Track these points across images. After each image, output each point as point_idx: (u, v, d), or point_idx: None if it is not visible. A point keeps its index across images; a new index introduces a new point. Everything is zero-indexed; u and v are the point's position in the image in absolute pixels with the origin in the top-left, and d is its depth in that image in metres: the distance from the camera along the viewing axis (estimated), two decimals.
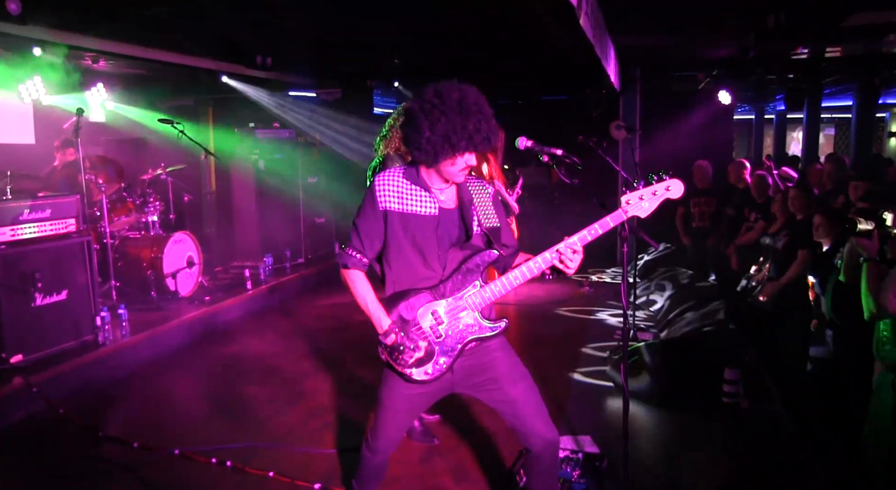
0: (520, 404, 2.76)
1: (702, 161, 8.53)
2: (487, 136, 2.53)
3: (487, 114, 2.53)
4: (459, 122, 2.46)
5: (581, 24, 5.10)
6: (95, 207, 7.02)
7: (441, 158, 2.55)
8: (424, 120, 2.48)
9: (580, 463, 3.83)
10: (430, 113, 2.48)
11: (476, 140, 2.51)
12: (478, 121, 2.49)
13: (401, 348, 2.64)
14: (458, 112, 2.47)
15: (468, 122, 2.47)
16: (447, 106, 2.47)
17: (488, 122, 2.53)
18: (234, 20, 7.38)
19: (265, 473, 3.96)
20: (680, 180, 2.68)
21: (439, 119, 2.46)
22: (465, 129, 2.47)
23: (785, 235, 6.19)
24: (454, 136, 2.47)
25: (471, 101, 2.50)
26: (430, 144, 2.50)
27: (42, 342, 5.36)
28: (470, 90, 2.54)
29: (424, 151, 2.53)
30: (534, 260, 2.66)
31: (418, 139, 2.51)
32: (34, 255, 5.38)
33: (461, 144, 2.49)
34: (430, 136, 2.48)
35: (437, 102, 2.48)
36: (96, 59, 8.31)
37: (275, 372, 5.89)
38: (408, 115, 2.57)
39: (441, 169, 2.62)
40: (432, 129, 2.47)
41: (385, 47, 9.20)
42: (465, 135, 2.48)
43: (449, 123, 2.46)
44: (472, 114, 2.48)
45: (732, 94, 10.45)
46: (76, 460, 4.25)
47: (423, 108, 2.50)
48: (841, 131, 22.99)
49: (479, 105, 2.52)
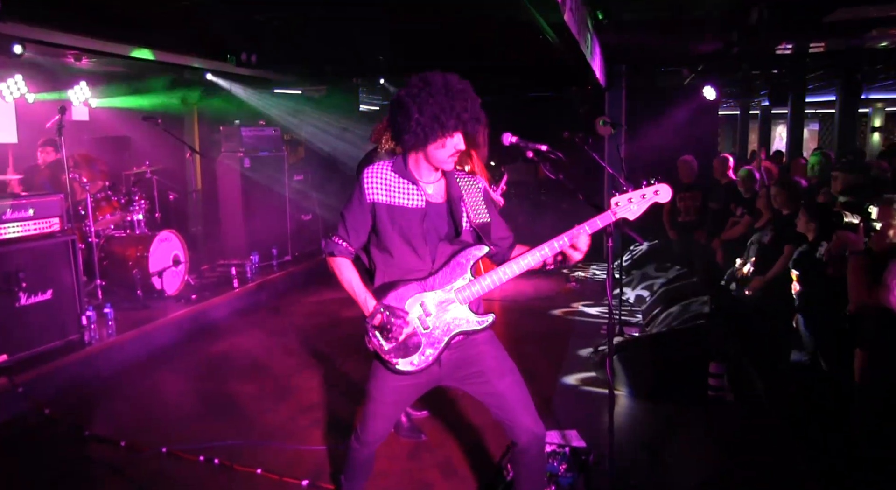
0: (506, 398, 2.77)
1: (687, 156, 8.58)
2: (476, 115, 2.58)
3: (473, 95, 2.59)
4: (447, 103, 2.51)
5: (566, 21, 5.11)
6: (80, 206, 6.98)
7: (430, 139, 2.58)
8: (413, 104, 2.52)
9: (567, 457, 3.86)
10: (417, 96, 2.52)
11: (464, 118, 2.55)
12: (464, 101, 2.54)
13: (388, 327, 2.64)
14: (444, 94, 2.51)
15: (455, 102, 2.52)
16: (434, 89, 2.52)
17: (475, 103, 2.58)
18: (218, 18, 7.35)
19: (253, 471, 3.96)
20: (668, 185, 2.72)
21: (427, 101, 2.51)
22: (453, 108, 2.52)
23: (771, 230, 6.25)
24: (443, 115, 2.51)
25: (456, 84, 2.55)
26: (419, 126, 2.53)
27: (27, 342, 5.32)
28: (453, 76, 2.59)
29: (414, 134, 2.55)
30: (524, 256, 2.69)
31: (407, 123, 2.54)
32: (18, 254, 5.34)
33: (450, 123, 2.53)
34: (419, 118, 2.52)
35: (423, 86, 2.53)
36: (79, 57, 8.25)
37: (262, 369, 5.88)
38: (395, 103, 2.60)
39: (430, 153, 2.64)
40: (421, 112, 2.51)
41: (370, 45, 9.18)
42: (454, 114, 2.52)
43: (437, 105, 2.50)
44: (458, 94, 2.53)
45: (717, 90, 10.51)
46: (62, 460, 4.23)
47: (410, 94, 2.54)
48: (825, 126, 23.18)
49: (465, 87, 2.57)
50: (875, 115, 20.34)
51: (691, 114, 11.36)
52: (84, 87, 9.09)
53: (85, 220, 6.90)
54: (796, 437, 4.15)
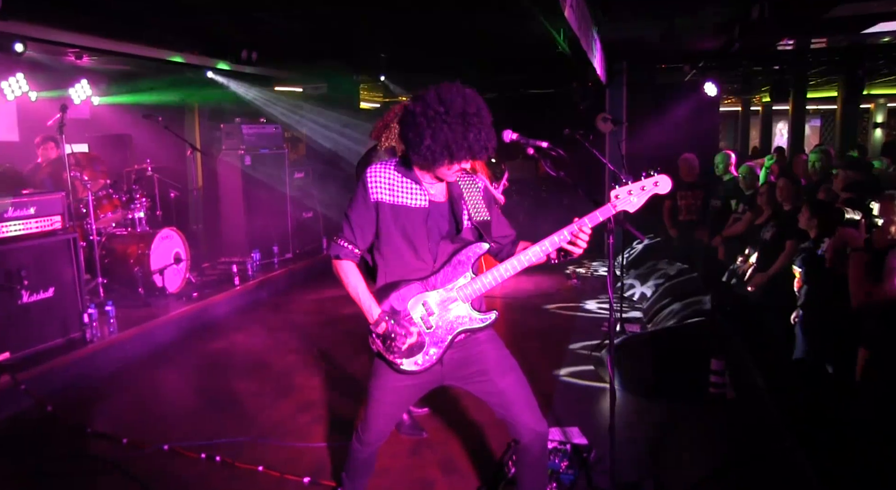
0: (508, 396, 2.77)
1: (688, 154, 8.56)
2: (486, 144, 2.54)
3: (487, 122, 2.53)
4: (461, 133, 2.46)
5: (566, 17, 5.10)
6: (81, 204, 6.98)
7: (438, 165, 2.57)
8: (427, 128, 2.47)
9: (568, 454, 3.86)
10: (432, 120, 2.46)
11: (475, 149, 2.51)
12: (478, 131, 2.49)
13: (392, 336, 2.64)
14: (460, 123, 2.46)
15: (469, 132, 2.47)
16: (450, 116, 2.45)
17: (488, 132, 2.53)
18: (219, 15, 7.35)
19: (254, 468, 3.96)
20: (668, 176, 2.70)
21: (441, 128, 2.46)
22: (466, 139, 2.47)
23: (773, 227, 6.24)
24: (454, 146, 2.48)
25: (472, 111, 2.48)
26: (429, 152, 2.50)
27: (29, 339, 5.33)
28: (472, 97, 2.52)
29: (423, 157, 2.53)
30: (525, 253, 2.69)
31: (418, 144, 2.51)
32: (19, 252, 5.35)
33: (460, 154, 2.51)
34: (430, 145, 2.48)
35: (441, 111, 2.46)
36: (80, 55, 8.25)
37: (263, 367, 5.89)
38: (409, 117, 2.55)
39: (435, 170, 2.64)
40: (434, 139, 2.47)
41: (370, 42, 9.18)
42: (466, 145, 2.48)
43: (451, 133, 2.46)
44: (474, 125, 2.48)
45: (718, 86, 10.50)
46: (64, 457, 4.24)
47: (426, 115, 2.48)
48: (827, 122, 23.14)
49: (481, 114, 2.51)
50: (877, 111, 20.31)
51: (692, 110, 11.35)
52: (85, 85, 9.09)
53: (86, 218, 6.90)
54: (797, 435, 4.15)
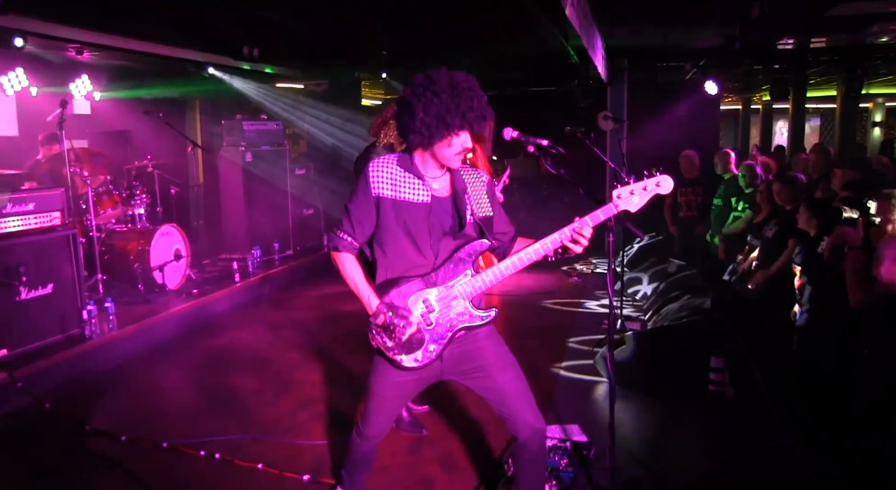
0: (507, 392, 2.77)
1: (688, 151, 8.57)
2: (482, 113, 2.56)
3: (479, 93, 2.56)
4: (452, 102, 2.49)
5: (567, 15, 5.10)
6: (81, 200, 6.97)
7: (436, 139, 2.57)
8: (417, 103, 2.51)
9: (568, 452, 3.86)
10: (422, 96, 2.51)
11: (470, 117, 2.53)
12: (470, 99, 2.52)
13: (391, 327, 2.64)
14: (450, 92, 2.49)
15: (461, 100, 2.50)
16: (439, 87, 2.50)
17: (481, 101, 2.56)
18: (220, 11, 7.34)
19: (254, 465, 3.96)
20: (670, 176, 2.70)
21: (432, 100, 2.49)
22: (458, 107, 2.50)
23: (775, 225, 6.23)
24: (448, 115, 2.49)
25: (461, 81, 2.53)
26: (424, 125, 2.52)
27: (27, 336, 5.33)
28: (459, 74, 2.56)
29: (419, 133, 2.54)
30: (526, 251, 2.68)
31: (412, 122, 2.53)
32: (18, 248, 5.34)
33: (455, 122, 2.51)
34: (423, 118, 2.50)
35: (428, 85, 2.51)
36: (80, 50, 8.23)
37: (263, 364, 5.89)
38: (401, 102, 2.60)
39: (436, 152, 2.63)
40: (426, 111, 2.50)
41: (372, 38, 9.16)
42: (459, 113, 2.50)
43: (441, 104, 2.49)
44: (464, 92, 2.51)
45: (719, 85, 10.49)
46: (62, 454, 4.23)
47: (415, 93, 2.53)
48: (826, 121, 23.13)
49: (471, 85, 2.55)
50: (876, 111, 20.32)
51: (693, 109, 11.35)
52: (86, 81, 9.06)
53: (86, 214, 6.89)
54: (796, 433, 4.15)
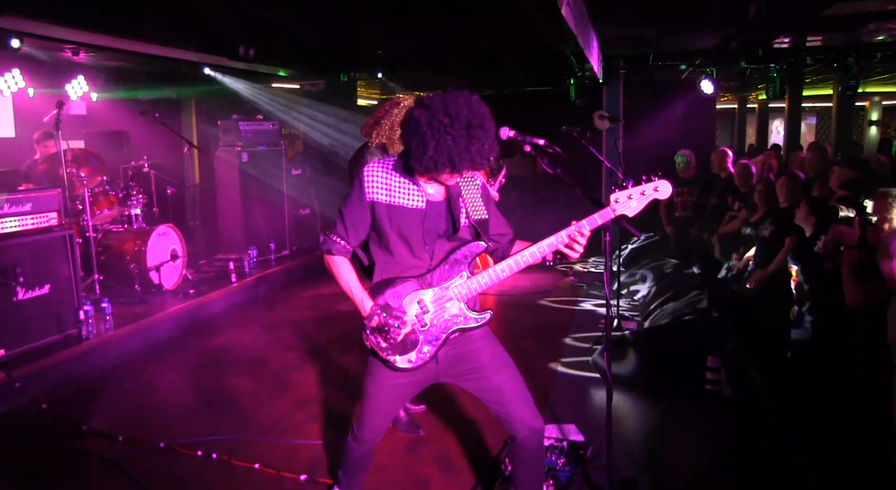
0: (504, 392, 2.78)
1: (684, 150, 8.57)
2: (488, 156, 2.54)
3: (491, 134, 2.53)
4: (464, 145, 2.45)
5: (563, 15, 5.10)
6: (77, 201, 6.96)
7: (439, 174, 2.57)
8: (431, 138, 2.45)
9: (565, 451, 3.87)
10: (437, 131, 2.44)
11: (477, 161, 2.50)
12: (481, 143, 2.48)
13: (385, 329, 2.64)
14: (465, 135, 2.44)
15: (472, 144, 2.46)
16: (455, 128, 2.43)
17: (491, 143, 2.53)
18: (215, 11, 7.33)
19: (251, 465, 3.96)
20: (668, 181, 2.70)
21: (445, 140, 2.44)
22: (469, 151, 2.46)
23: (771, 224, 6.24)
24: (457, 158, 2.46)
25: (477, 123, 2.47)
26: (432, 162, 2.49)
27: (24, 336, 5.32)
28: (477, 108, 2.50)
29: (424, 166, 2.52)
30: (522, 254, 2.69)
31: (420, 153, 2.49)
32: (15, 249, 5.33)
33: (463, 165, 2.49)
34: (433, 156, 2.47)
35: (446, 123, 2.44)
36: (77, 51, 8.22)
37: (260, 364, 5.89)
38: (413, 124, 2.52)
39: (436, 177, 2.64)
40: (437, 150, 2.45)
41: (368, 38, 9.16)
42: (468, 157, 2.47)
43: (454, 145, 2.44)
44: (478, 137, 2.47)
45: (715, 84, 10.50)
46: (60, 455, 4.23)
47: (430, 125, 2.45)
48: (823, 120, 23.18)
49: (485, 126, 2.49)
50: (872, 109, 20.36)
51: (689, 108, 11.36)
52: (82, 82, 9.06)
53: (82, 215, 6.88)
54: (793, 432, 4.16)
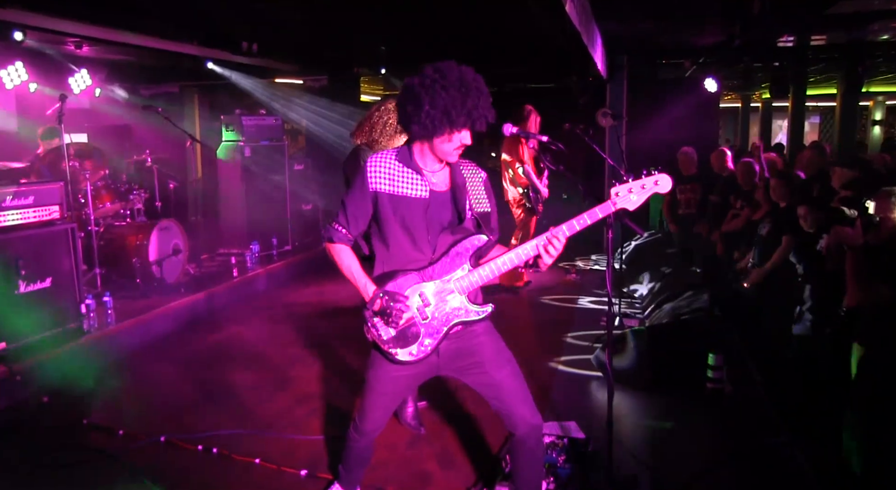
0: (504, 388, 2.78)
1: (686, 148, 8.56)
2: (485, 113, 2.55)
3: (485, 92, 2.55)
4: (459, 98, 2.47)
5: (567, 11, 5.09)
6: (80, 194, 6.96)
7: (438, 133, 2.55)
8: (425, 94, 2.48)
9: (565, 448, 3.86)
10: (430, 88, 2.48)
11: (474, 116, 2.52)
12: (477, 98, 2.51)
13: (388, 312, 2.63)
14: (458, 88, 2.47)
15: (468, 98, 2.48)
16: (448, 81, 2.47)
17: (486, 100, 2.54)
18: (219, 5, 7.32)
19: (251, 460, 3.97)
20: (668, 175, 2.69)
21: (440, 94, 2.47)
22: (465, 105, 2.48)
23: (769, 222, 6.24)
24: (454, 111, 2.48)
25: (470, 79, 2.51)
26: (428, 118, 2.50)
27: (26, 330, 5.30)
28: (468, 69, 2.55)
29: (422, 125, 2.53)
30: (522, 247, 2.68)
31: (417, 113, 2.51)
32: (17, 242, 5.33)
33: (460, 120, 2.50)
34: (429, 111, 2.48)
35: (437, 78, 2.48)
36: (80, 44, 8.22)
37: (261, 359, 5.89)
38: (407, 90, 2.56)
39: (436, 146, 2.62)
40: (432, 104, 2.48)
41: (371, 34, 9.15)
42: (465, 111, 2.49)
43: (449, 98, 2.47)
44: (472, 91, 2.50)
45: (718, 82, 10.48)
46: (60, 448, 4.23)
47: (423, 84, 2.50)
48: (826, 119, 23.14)
49: (478, 83, 2.53)
50: (876, 109, 20.31)
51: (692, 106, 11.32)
52: (85, 75, 9.06)
53: (85, 209, 6.89)
54: (794, 430, 4.16)
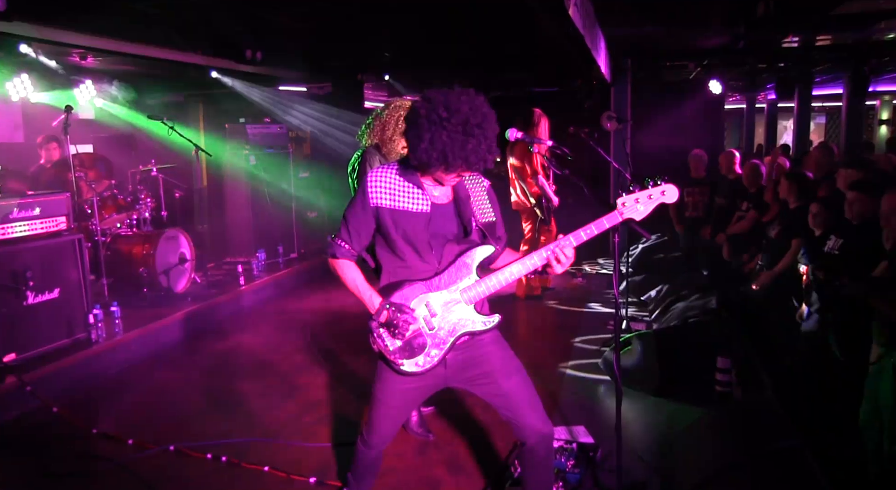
0: (514, 398, 2.76)
1: (697, 150, 8.53)
2: (485, 156, 2.51)
3: (490, 135, 2.50)
4: (460, 142, 2.44)
5: (570, 15, 5.09)
6: (86, 205, 6.99)
7: (433, 170, 2.56)
8: (427, 130, 2.45)
9: (574, 453, 3.85)
10: (433, 124, 2.44)
11: (471, 160, 2.48)
12: (478, 142, 2.46)
13: (395, 323, 2.62)
14: (461, 131, 2.43)
15: (468, 142, 2.45)
16: (451, 123, 2.43)
17: (489, 144, 2.50)
18: (223, 14, 7.34)
19: (260, 468, 3.97)
20: (675, 185, 2.69)
21: (440, 134, 2.43)
22: (464, 149, 2.45)
23: (778, 224, 6.20)
24: (451, 154, 2.45)
25: (475, 122, 2.45)
26: (425, 155, 2.48)
27: (35, 340, 5.33)
28: (479, 107, 2.49)
29: (418, 159, 2.51)
30: (529, 257, 2.67)
31: (416, 145, 2.49)
32: (25, 253, 5.35)
33: (456, 163, 2.48)
34: (427, 148, 2.46)
35: (443, 116, 2.43)
36: (84, 55, 8.26)
37: (269, 367, 5.89)
38: (413, 116, 2.53)
39: (432, 174, 2.62)
40: (431, 143, 2.45)
41: (375, 41, 9.16)
42: (462, 155, 2.46)
43: (449, 141, 2.43)
44: (475, 135, 2.45)
45: (723, 84, 10.46)
46: (70, 458, 4.25)
47: (429, 117, 2.46)
48: (832, 120, 23.07)
49: (484, 126, 2.48)
50: (882, 108, 20.24)
51: (697, 108, 11.32)
52: (90, 86, 9.09)
53: (91, 219, 6.91)
54: (805, 434, 4.13)
